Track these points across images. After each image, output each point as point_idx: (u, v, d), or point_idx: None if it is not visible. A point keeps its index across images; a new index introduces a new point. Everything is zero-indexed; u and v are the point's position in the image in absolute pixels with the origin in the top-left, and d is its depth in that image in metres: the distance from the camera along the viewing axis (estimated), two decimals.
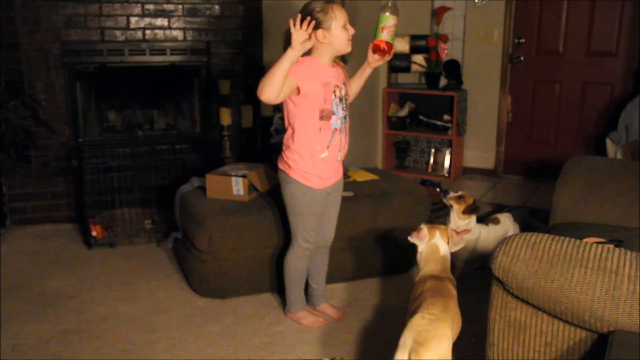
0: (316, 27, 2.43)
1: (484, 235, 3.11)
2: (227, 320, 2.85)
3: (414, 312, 1.92)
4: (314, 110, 2.48)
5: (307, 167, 2.55)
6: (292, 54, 2.31)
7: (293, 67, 2.37)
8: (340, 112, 2.54)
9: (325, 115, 2.50)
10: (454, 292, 2.10)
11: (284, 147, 2.62)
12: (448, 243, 2.27)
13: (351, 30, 2.47)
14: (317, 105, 2.47)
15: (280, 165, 2.64)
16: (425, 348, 1.76)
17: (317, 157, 2.54)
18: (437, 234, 2.25)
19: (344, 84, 2.60)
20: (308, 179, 2.57)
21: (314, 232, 2.69)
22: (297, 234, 2.69)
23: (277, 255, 3.02)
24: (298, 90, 2.44)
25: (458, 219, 3.06)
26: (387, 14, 2.49)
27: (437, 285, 2.07)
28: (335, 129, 2.54)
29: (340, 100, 2.54)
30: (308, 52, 2.52)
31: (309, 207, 2.62)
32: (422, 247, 2.24)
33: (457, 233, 2.29)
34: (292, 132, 2.55)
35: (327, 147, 2.54)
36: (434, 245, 2.24)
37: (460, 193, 3.07)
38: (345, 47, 2.49)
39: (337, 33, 2.44)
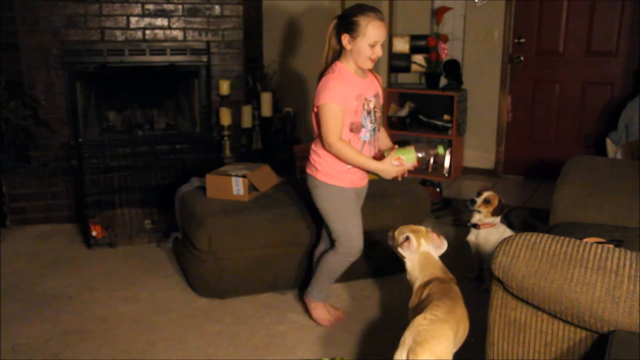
0: (346, 30, 2.42)
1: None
2: (227, 320, 2.85)
3: (418, 314, 1.91)
4: (344, 123, 2.45)
5: (335, 168, 2.52)
6: (376, 171, 2.49)
7: (338, 91, 2.40)
8: (369, 125, 2.53)
9: (355, 128, 2.48)
10: (460, 293, 2.09)
11: (311, 152, 2.59)
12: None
13: (378, 53, 2.43)
14: (348, 118, 2.45)
15: (308, 170, 2.60)
16: (423, 348, 1.76)
17: (344, 167, 2.52)
18: (422, 240, 2.19)
19: (375, 96, 2.57)
20: (337, 179, 2.53)
21: (357, 233, 2.61)
22: (340, 238, 2.62)
23: (281, 254, 3.02)
24: None
25: (485, 219, 3.06)
26: (413, 154, 2.47)
27: (443, 288, 2.06)
28: (365, 141, 2.53)
29: (369, 113, 2.52)
30: (338, 56, 2.51)
31: (344, 207, 2.58)
32: (412, 257, 2.19)
33: (439, 236, 2.23)
34: (321, 141, 2.52)
35: None
36: (425, 253, 2.19)
37: (485, 196, 3.05)
38: (363, 63, 2.46)
39: (361, 46, 2.41)
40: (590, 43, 4.89)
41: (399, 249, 2.21)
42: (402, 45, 5.32)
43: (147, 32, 4.11)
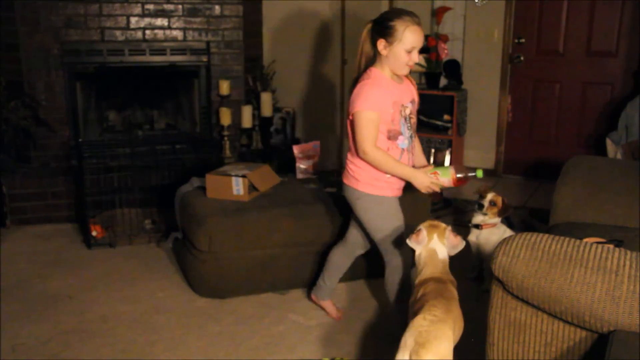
0: (382, 35, 2.36)
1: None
2: (227, 320, 2.85)
3: (415, 314, 1.92)
4: (381, 130, 2.40)
5: (376, 177, 2.45)
6: (410, 178, 2.41)
7: (373, 98, 2.34)
8: (406, 132, 2.46)
9: (392, 136, 2.42)
10: (455, 294, 2.10)
11: (348, 163, 2.52)
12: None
13: (415, 58, 2.37)
14: (385, 126, 2.40)
15: (346, 181, 2.52)
16: (426, 349, 1.76)
17: (384, 175, 2.45)
18: (435, 236, 2.18)
19: (411, 102, 2.50)
20: (379, 188, 2.46)
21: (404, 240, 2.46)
22: (387, 249, 2.53)
23: (281, 254, 3.02)
24: None
25: (489, 219, 3.05)
26: (449, 171, 2.43)
27: (439, 288, 2.06)
28: (403, 149, 2.46)
29: (405, 119, 2.45)
30: (373, 62, 2.44)
31: (389, 216, 2.49)
32: (419, 251, 2.19)
33: (456, 235, 2.22)
34: (355, 149, 2.44)
35: None
36: (431, 250, 2.18)
37: (489, 199, 3.04)
38: (399, 69, 2.40)
39: (397, 52, 2.35)
40: (590, 43, 4.89)
41: (407, 240, 2.20)
42: None
43: (147, 32, 4.11)
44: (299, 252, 3.08)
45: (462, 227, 3.94)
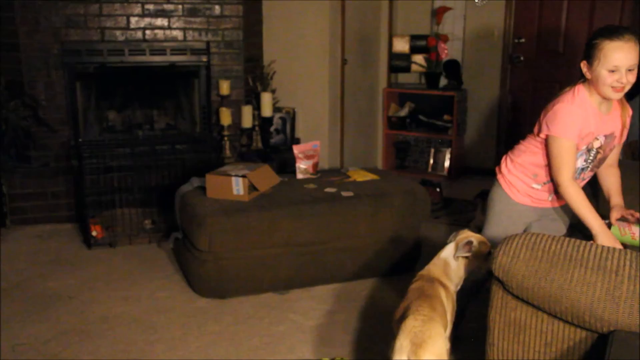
0: (584, 56, 2.16)
1: None
2: (227, 320, 2.85)
3: (403, 315, 1.91)
4: None
5: (521, 185, 2.39)
6: (593, 231, 2.17)
7: (573, 127, 2.16)
8: (581, 163, 2.29)
9: None
10: (439, 292, 2.09)
11: (509, 152, 2.46)
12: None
13: (622, 80, 2.09)
14: None
15: (497, 167, 2.49)
16: (423, 349, 1.76)
17: (529, 183, 2.38)
18: (454, 246, 2.20)
19: (608, 135, 2.27)
20: (512, 190, 2.40)
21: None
22: None
23: (281, 254, 3.02)
24: None
25: None
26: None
27: (423, 286, 2.07)
28: None
29: (589, 150, 2.28)
30: (585, 79, 2.21)
31: (500, 216, 2.43)
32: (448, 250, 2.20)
33: (468, 246, 2.18)
34: (523, 152, 2.39)
35: (544, 183, 2.36)
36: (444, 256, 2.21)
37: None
38: (605, 93, 2.14)
39: (599, 73, 2.11)
40: None
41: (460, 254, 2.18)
42: (402, 45, 5.33)
43: (147, 32, 4.11)
44: (299, 252, 3.08)
45: (462, 227, 3.94)
